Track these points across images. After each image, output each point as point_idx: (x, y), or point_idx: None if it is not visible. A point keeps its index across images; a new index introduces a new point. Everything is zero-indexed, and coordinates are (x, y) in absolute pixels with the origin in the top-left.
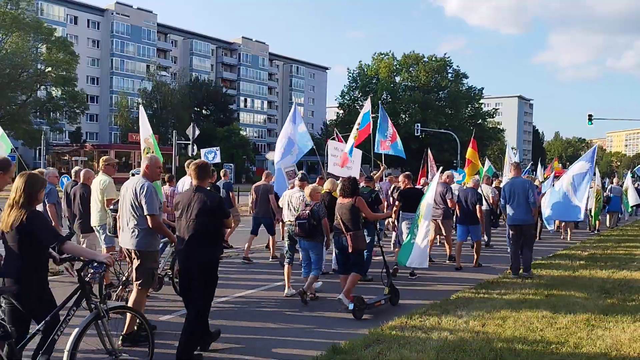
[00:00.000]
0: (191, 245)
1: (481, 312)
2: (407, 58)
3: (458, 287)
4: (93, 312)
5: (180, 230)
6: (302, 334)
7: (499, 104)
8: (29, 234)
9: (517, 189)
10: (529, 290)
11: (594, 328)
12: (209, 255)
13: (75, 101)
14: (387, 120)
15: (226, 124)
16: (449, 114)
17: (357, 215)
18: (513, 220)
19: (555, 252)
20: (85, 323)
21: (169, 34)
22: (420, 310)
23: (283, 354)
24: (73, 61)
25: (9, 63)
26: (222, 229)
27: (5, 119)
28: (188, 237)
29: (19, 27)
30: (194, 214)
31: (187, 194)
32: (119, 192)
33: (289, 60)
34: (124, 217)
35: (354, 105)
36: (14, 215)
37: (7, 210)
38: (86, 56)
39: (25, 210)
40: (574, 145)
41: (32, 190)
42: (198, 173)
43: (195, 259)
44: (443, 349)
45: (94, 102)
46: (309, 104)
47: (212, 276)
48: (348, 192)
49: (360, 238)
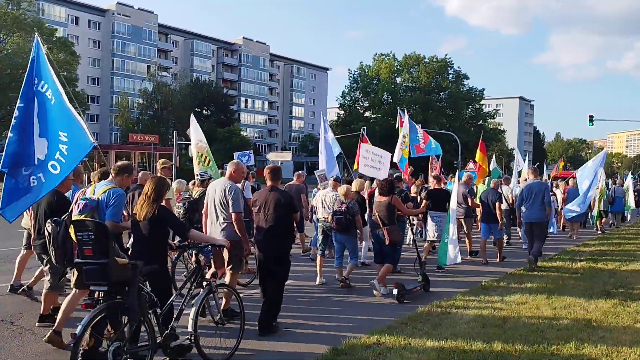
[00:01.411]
0: (268, 235)
1: (482, 313)
2: (408, 59)
3: (462, 289)
4: (206, 288)
5: (259, 223)
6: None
7: (499, 105)
8: (159, 224)
9: (534, 190)
10: (529, 292)
11: (595, 329)
12: (282, 243)
13: (76, 101)
14: (414, 125)
15: (227, 124)
16: (450, 114)
17: (392, 212)
18: (529, 218)
19: (564, 249)
20: (202, 296)
21: (170, 34)
22: (422, 312)
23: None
24: (74, 61)
25: (10, 63)
26: (293, 222)
27: (6, 119)
28: (266, 229)
29: (20, 28)
30: (271, 209)
31: (264, 193)
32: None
33: (289, 60)
34: (212, 214)
35: (354, 106)
36: (146, 209)
37: (140, 205)
38: (87, 56)
39: (155, 204)
40: (574, 146)
41: (161, 190)
42: (272, 175)
43: (272, 246)
44: (444, 350)
45: (95, 102)
46: (310, 105)
47: (286, 260)
48: (385, 191)
49: (395, 232)
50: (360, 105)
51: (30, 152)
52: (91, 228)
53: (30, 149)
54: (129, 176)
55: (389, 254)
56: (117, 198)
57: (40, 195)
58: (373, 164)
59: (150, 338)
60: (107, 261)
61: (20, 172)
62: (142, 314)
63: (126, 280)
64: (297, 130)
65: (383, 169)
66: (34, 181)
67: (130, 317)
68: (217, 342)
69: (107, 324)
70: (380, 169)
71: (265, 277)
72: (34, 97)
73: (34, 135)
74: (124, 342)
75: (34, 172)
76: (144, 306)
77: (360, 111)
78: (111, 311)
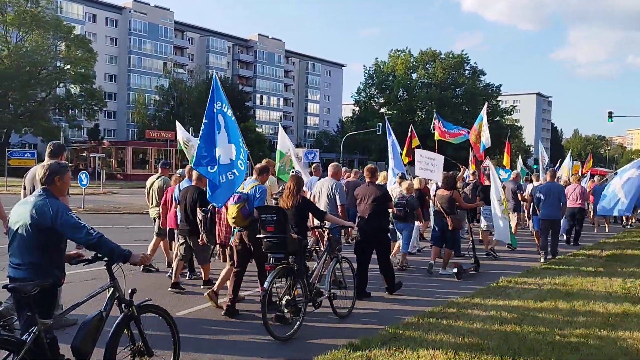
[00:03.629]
0: (369, 221)
1: (499, 310)
2: (424, 55)
3: (479, 286)
4: (334, 259)
5: (361, 211)
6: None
7: (516, 101)
8: (302, 210)
9: (552, 191)
10: (547, 289)
11: (614, 328)
12: (380, 224)
13: (93, 98)
14: (448, 123)
15: (242, 121)
16: (466, 111)
17: (453, 204)
18: (547, 216)
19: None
20: (333, 265)
21: (186, 31)
22: (438, 309)
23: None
24: (91, 59)
25: (29, 61)
26: (387, 208)
27: (25, 116)
28: (367, 216)
29: (39, 25)
30: (370, 200)
31: (364, 187)
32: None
33: (305, 57)
34: (321, 206)
35: (370, 102)
36: (292, 199)
37: (285, 197)
38: (104, 54)
39: (298, 195)
40: (593, 142)
41: (300, 185)
42: (371, 174)
43: (373, 227)
44: (460, 347)
45: (112, 99)
46: (325, 101)
47: (386, 237)
48: (448, 186)
49: (457, 220)
50: (375, 102)
51: (213, 154)
52: (274, 211)
53: (213, 153)
54: (267, 175)
55: (451, 238)
56: (262, 192)
57: (237, 185)
58: (427, 167)
59: (306, 294)
60: (285, 236)
61: (205, 169)
62: (305, 277)
63: (295, 251)
64: (312, 127)
65: (436, 170)
66: (231, 175)
67: (296, 278)
68: (339, 303)
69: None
70: (434, 171)
71: (365, 253)
72: (216, 115)
73: (224, 142)
74: (291, 296)
75: (229, 169)
76: (305, 270)
77: (376, 107)
78: (285, 273)
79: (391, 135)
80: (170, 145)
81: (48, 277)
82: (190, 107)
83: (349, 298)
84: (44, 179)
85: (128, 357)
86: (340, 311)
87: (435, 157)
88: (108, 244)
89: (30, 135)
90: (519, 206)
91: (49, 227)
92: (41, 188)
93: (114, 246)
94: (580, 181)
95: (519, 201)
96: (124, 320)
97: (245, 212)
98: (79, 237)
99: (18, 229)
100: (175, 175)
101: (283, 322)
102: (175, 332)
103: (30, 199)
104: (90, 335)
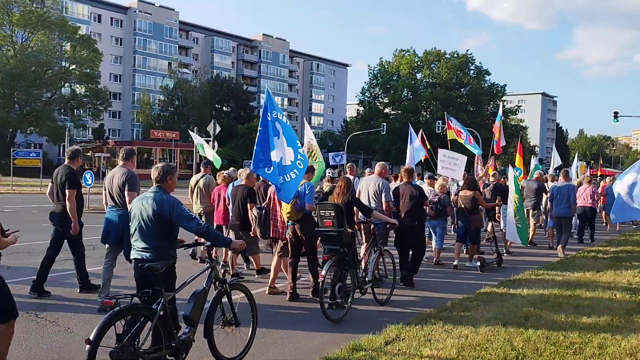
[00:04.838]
0: (407, 216)
1: (503, 310)
2: (429, 55)
3: (485, 283)
4: (376, 252)
5: (400, 208)
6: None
7: (522, 101)
8: (351, 207)
9: (563, 191)
10: (551, 289)
11: (618, 328)
12: (415, 219)
13: (99, 98)
14: (459, 124)
15: (247, 121)
16: (471, 111)
17: (475, 203)
18: (559, 214)
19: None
20: (376, 256)
21: (191, 31)
22: (442, 308)
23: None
24: (96, 59)
25: (35, 61)
26: (423, 205)
27: (30, 116)
28: (404, 212)
29: (44, 26)
30: (407, 198)
31: (402, 186)
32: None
33: (309, 57)
34: (365, 201)
35: (374, 102)
36: (342, 196)
37: (336, 194)
38: (109, 54)
39: (348, 193)
40: (598, 143)
41: (349, 185)
42: (408, 174)
43: (410, 221)
44: (464, 346)
45: (117, 99)
46: (329, 101)
47: (422, 231)
48: (470, 187)
49: (478, 219)
50: (380, 102)
51: (268, 157)
52: (332, 208)
53: (268, 156)
54: (312, 173)
55: (473, 235)
56: (310, 189)
57: (297, 184)
58: (449, 166)
59: (354, 282)
60: (342, 230)
61: (263, 171)
62: (355, 266)
63: (348, 244)
64: (316, 127)
65: (458, 170)
66: (293, 175)
67: (350, 267)
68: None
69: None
70: (456, 170)
71: (404, 244)
72: (271, 123)
73: (282, 146)
74: (343, 282)
75: (291, 169)
76: (357, 260)
77: (380, 107)
78: (339, 263)
79: (413, 142)
80: (175, 145)
81: (168, 257)
82: (194, 107)
83: (388, 286)
84: (158, 178)
85: (220, 325)
86: (380, 297)
87: (458, 157)
88: (214, 232)
89: (36, 135)
90: (539, 205)
91: (167, 218)
92: (155, 185)
93: (219, 234)
94: (591, 182)
95: (539, 200)
96: (219, 295)
97: (297, 207)
98: (192, 227)
99: (142, 220)
100: (223, 174)
101: (337, 307)
102: (255, 309)
103: (148, 195)
104: (198, 307)
